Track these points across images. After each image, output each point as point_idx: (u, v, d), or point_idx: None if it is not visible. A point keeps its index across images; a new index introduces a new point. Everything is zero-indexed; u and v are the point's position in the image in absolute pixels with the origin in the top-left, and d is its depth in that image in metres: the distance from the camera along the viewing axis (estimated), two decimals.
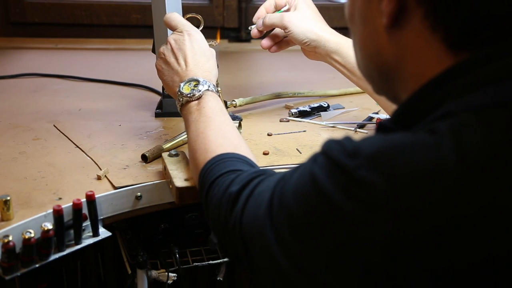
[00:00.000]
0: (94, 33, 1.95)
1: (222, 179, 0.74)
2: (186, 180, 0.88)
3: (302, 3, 1.12)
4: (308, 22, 1.10)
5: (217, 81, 1.21)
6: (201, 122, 0.86)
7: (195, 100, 0.90)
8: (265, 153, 1.05)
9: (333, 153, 0.54)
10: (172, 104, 1.24)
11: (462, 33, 0.54)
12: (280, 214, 0.59)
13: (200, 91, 0.90)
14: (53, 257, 0.82)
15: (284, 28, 1.10)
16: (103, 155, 1.04)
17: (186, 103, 0.90)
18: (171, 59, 0.96)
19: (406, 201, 0.49)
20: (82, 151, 1.06)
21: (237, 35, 1.99)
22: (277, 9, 1.15)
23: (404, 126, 0.56)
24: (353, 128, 1.17)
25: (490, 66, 0.53)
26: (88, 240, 0.87)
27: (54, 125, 1.19)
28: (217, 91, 0.93)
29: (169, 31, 1.02)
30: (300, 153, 1.06)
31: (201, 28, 1.03)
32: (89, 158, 1.03)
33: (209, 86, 0.91)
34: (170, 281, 1.08)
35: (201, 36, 0.98)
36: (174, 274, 1.08)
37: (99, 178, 0.94)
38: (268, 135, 1.15)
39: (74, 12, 1.94)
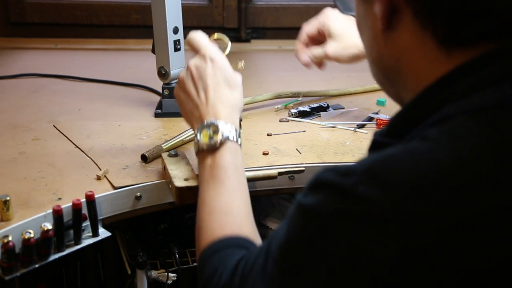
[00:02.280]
0: (94, 33, 1.95)
1: (214, 275, 0.69)
2: (185, 180, 0.88)
3: (334, 26, 1.10)
4: (350, 41, 1.08)
5: None
6: (211, 186, 0.80)
7: (211, 151, 0.83)
8: (264, 153, 1.05)
9: (327, 178, 0.53)
10: (172, 105, 1.24)
11: (448, 29, 0.54)
12: (275, 268, 0.56)
13: (217, 142, 0.82)
14: (53, 257, 0.82)
15: (333, 60, 1.11)
16: (103, 155, 1.04)
17: (202, 151, 0.84)
18: (191, 89, 0.88)
19: (408, 209, 0.48)
20: (82, 151, 1.06)
21: (237, 35, 1.99)
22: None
23: (400, 135, 0.56)
24: (353, 128, 1.17)
25: (487, 69, 0.53)
26: (87, 240, 0.87)
27: (54, 125, 1.18)
28: (238, 135, 0.85)
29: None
30: (300, 153, 1.06)
31: (227, 51, 0.95)
32: (88, 158, 1.03)
33: (229, 133, 0.83)
34: (169, 281, 1.08)
35: (225, 63, 0.91)
36: (174, 274, 1.08)
37: (98, 178, 0.94)
38: (268, 135, 1.15)
39: (74, 12, 1.94)
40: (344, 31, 1.08)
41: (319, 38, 1.13)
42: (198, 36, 0.91)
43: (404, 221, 0.48)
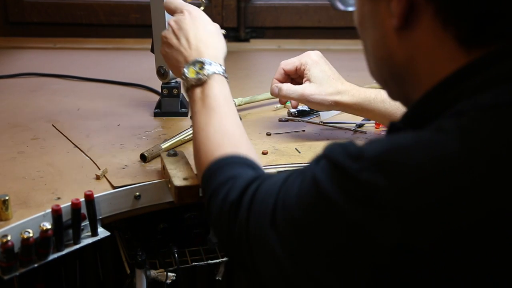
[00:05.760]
0: (93, 33, 1.95)
1: (220, 188, 0.73)
2: (185, 179, 0.88)
3: (314, 69, 1.07)
4: (327, 89, 1.06)
5: None
6: (203, 114, 0.84)
7: (200, 85, 0.86)
8: (264, 153, 1.05)
9: (336, 156, 0.54)
10: (171, 104, 1.24)
11: (473, 28, 0.53)
12: (284, 220, 0.58)
13: (205, 75, 0.86)
14: (52, 257, 0.82)
15: (306, 103, 1.08)
16: (102, 154, 1.04)
17: (191, 87, 0.87)
18: (173, 41, 0.92)
19: (412, 201, 0.48)
20: (81, 150, 1.06)
21: (236, 34, 1.98)
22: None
23: (415, 127, 0.55)
24: (352, 128, 1.17)
25: (503, 65, 0.53)
26: (86, 240, 0.87)
27: (53, 125, 1.18)
28: (224, 71, 0.89)
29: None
30: (299, 152, 1.06)
31: (202, 8, 1.01)
32: (88, 157, 1.03)
33: (215, 68, 0.87)
34: (169, 281, 1.08)
35: (202, 13, 0.96)
36: (173, 274, 1.08)
37: (98, 177, 0.94)
38: (267, 134, 1.15)
39: (73, 12, 1.94)
40: (324, 77, 1.06)
41: (295, 78, 1.11)
42: None
43: (405, 212, 0.48)
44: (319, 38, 1.97)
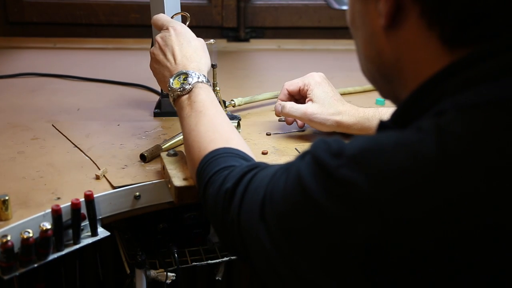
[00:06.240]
0: (93, 33, 1.95)
1: (216, 177, 0.75)
2: (184, 179, 0.88)
3: (317, 90, 1.09)
4: (328, 109, 1.07)
5: (215, 81, 1.21)
6: (192, 117, 0.87)
7: (185, 94, 0.91)
8: (264, 153, 1.05)
9: (318, 152, 0.55)
10: (170, 104, 1.24)
11: (457, 29, 0.54)
12: (271, 214, 0.60)
13: (190, 84, 0.91)
14: (52, 257, 0.82)
15: (308, 122, 1.09)
16: (102, 154, 1.04)
17: (178, 97, 0.92)
18: (160, 57, 0.97)
19: (387, 198, 0.49)
20: (81, 150, 1.06)
21: (236, 34, 1.99)
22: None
23: (403, 126, 0.56)
24: None
25: (485, 64, 0.53)
26: (86, 240, 0.86)
27: (53, 125, 1.18)
28: (208, 81, 0.93)
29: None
30: (299, 152, 1.06)
31: (187, 23, 1.04)
32: (87, 157, 1.03)
33: (198, 78, 0.91)
34: (168, 281, 1.08)
35: (186, 29, 1.00)
36: (173, 274, 1.08)
37: (97, 177, 0.94)
38: (267, 134, 1.15)
39: (73, 12, 1.94)
40: (326, 98, 1.08)
41: (299, 99, 1.14)
42: (160, 16, 1.04)
43: (380, 208, 0.49)
44: (319, 38, 1.97)
